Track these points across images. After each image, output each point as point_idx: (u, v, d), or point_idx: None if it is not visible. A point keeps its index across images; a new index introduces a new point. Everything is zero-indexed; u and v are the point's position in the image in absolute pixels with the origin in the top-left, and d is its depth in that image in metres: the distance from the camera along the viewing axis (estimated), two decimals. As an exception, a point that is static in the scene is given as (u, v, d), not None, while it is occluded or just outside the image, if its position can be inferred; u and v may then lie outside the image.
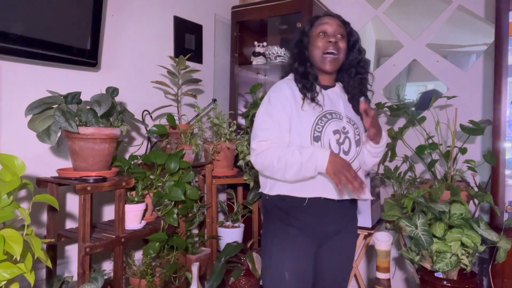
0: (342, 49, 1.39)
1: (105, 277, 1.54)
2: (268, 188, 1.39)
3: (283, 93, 1.36)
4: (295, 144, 1.31)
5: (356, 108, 1.44)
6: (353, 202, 1.43)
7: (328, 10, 2.51)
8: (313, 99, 1.36)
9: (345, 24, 1.43)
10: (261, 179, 1.44)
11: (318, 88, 1.40)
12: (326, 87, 1.43)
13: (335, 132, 1.33)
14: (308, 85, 1.38)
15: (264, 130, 1.33)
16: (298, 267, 1.35)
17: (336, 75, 1.47)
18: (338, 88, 1.46)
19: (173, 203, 1.79)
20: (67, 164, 1.69)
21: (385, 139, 1.44)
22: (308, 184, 1.31)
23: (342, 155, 1.32)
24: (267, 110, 1.35)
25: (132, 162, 1.76)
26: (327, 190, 1.32)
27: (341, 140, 1.34)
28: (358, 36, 1.47)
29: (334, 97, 1.43)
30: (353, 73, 1.45)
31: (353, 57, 1.44)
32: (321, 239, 1.40)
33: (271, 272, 1.37)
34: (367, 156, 1.45)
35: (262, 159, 1.31)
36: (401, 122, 2.45)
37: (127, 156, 1.86)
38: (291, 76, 1.45)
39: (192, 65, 2.34)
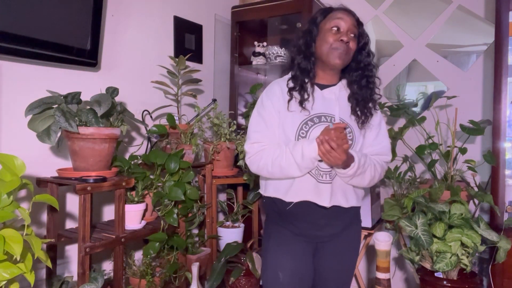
0: (352, 50, 1.32)
1: (105, 277, 1.54)
2: (263, 189, 1.44)
3: (275, 94, 1.36)
4: (283, 142, 1.31)
5: (357, 113, 1.35)
6: (350, 208, 1.37)
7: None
8: (300, 103, 1.32)
9: (359, 24, 1.35)
10: (260, 179, 1.47)
11: (310, 90, 1.34)
12: (323, 86, 1.37)
13: None
14: (298, 86, 1.33)
15: (257, 132, 1.35)
16: (293, 268, 1.36)
17: (339, 75, 1.40)
18: (338, 88, 1.38)
19: (173, 203, 1.79)
20: (67, 164, 1.69)
21: (350, 171, 1.26)
22: (295, 188, 1.31)
23: None
24: (260, 112, 1.36)
25: (132, 162, 1.76)
26: (314, 195, 1.30)
27: None
28: (369, 38, 1.39)
29: (331, 97, 1.36)
30: (359, 76, 1.36)
31: (360, 59, 1.36)
32: (317, 242, 1.40)
33: (267, 272, 1.39)
34: None
35: (256, 161, 1.34)
36: (401, 122, 2.45)
37: (127, 156, 1.86)
38: (286, 76, 1.41)
39: (192, 65, 2.34)
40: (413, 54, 2.46)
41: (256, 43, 2.65)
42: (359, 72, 1.36)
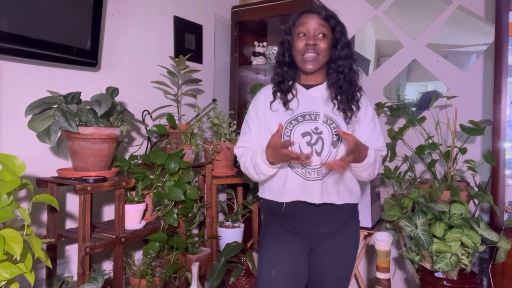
0: (322, 49, 1.33)
1: (105, 277, 1.54)
2: (261, 192, 1.49)
3: (259, 103, 1.45)
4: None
5: (341, 107, 1.37)
6: (344, 205, 1.36)
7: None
8: (284, 104, 1.38)
9: (327, 19, 1.35)
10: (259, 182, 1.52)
11: (294, 91, 1.40)
12: (309, 87, 1.41)
13: (304, 134, 1.32)
14: (281, 90, 1.40)
15: (242, 136, 1.48)
16: (285, 266, 1.38)
17: (325, 72, 1.42)
18: (324, 86, 1.40)
19: (173, 203, 1.79)
20: (67, 164, 1.69)
21: (371, 159, 1.30)
22: (286, 189, 1.35)
23: (314, 156, 1.31)
24: (246, 118, 1.49)
25: (132, 162, 1.76)
26: (304, 194, 1.32)
27: (312, 141, 1.32)
28: (343, 29, 1.38)
29: (316, 96, 1.39)
30: (335, 73, 1.37)
31: (337, 55, 1.37)
32: (312, 241, 1.41)
33: (261, 270, 1.43)
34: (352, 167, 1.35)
35: (240, 164, 1.45)
36: (401, 122, 2.45)
37: (127, 156, 1.86)
38: (270, 84, 1.47)
39: (192, 65, 2.34)
40: (413, 54, 2.46)
41: (256, 43, 2.65)
42: (336, 68, 1.38)
